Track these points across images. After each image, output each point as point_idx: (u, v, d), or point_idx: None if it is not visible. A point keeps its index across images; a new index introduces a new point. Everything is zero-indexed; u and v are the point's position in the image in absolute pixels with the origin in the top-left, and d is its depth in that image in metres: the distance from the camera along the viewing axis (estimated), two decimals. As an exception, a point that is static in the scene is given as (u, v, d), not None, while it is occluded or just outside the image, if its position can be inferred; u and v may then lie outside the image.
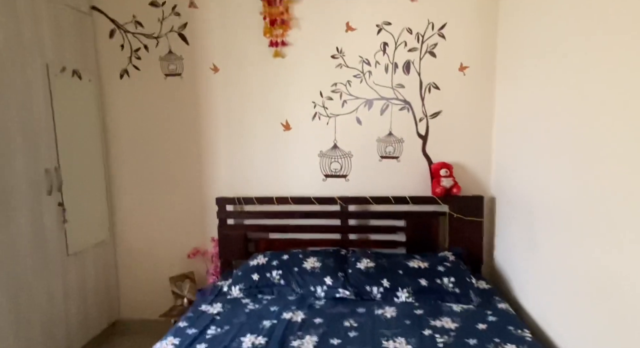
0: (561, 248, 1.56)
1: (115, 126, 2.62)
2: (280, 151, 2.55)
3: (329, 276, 2.08)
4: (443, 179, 2.34)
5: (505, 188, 2.20)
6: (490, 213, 2.40)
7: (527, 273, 1.90)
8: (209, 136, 2.58)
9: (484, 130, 2.38)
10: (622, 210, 1.18)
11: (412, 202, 2.38)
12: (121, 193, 2.67)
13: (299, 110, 2.50)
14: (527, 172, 1.90)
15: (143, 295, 2.70)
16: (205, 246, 2.65)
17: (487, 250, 2.42)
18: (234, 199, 2.52)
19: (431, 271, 2.04)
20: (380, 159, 2.49)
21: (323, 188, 2.54)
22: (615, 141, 1.21)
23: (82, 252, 2.38)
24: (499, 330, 1.63)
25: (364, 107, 2.46)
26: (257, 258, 2.29)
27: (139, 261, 2.70)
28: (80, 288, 2.36)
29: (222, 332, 1.71)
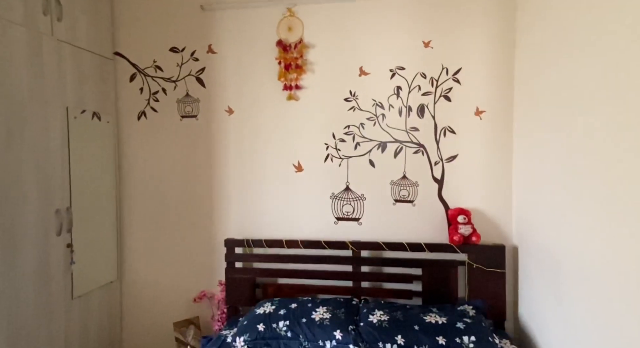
0: (590, 306, 1.41)
1: (130, 166, 2.65)
2: (291, 193, 2.51)
3: (339, 330, 1.95)
4: (461, 226, 2.22)
5: (528, 238, 2.07)
6: (512, 263, 2.25)
7: (555, 332, 1.73)
8: (220, 176, 2.57)
9: (502, 176, 2.29)
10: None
11: (429, 249, 2.26)
12: (131, 234, 2.65)
13: (311, 151, 2.48)
14: (550, 222, 1.77)
15: (146, 341, 2.60)
16: (212, 289, 2.57)
17: (511, 304, 2.25)
18: (242, 241, 2.46)
19: (450, 328, 1.88)
20: (394, 203, 2.41)
21: (334, 232, 2.46)
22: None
23: (88, 294, 2.32)
24: (528, 405, 1.45)
25: (377, 149, 2.41)
26: (263, 306, 2.18)
27: (145, 303, 2.62)
28: (83, 333, 2.28)
29: (221, 392, 1.59)
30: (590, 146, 1.42)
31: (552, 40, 1.76)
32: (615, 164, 1.27)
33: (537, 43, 1.93)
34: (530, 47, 2.03)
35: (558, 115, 1.70)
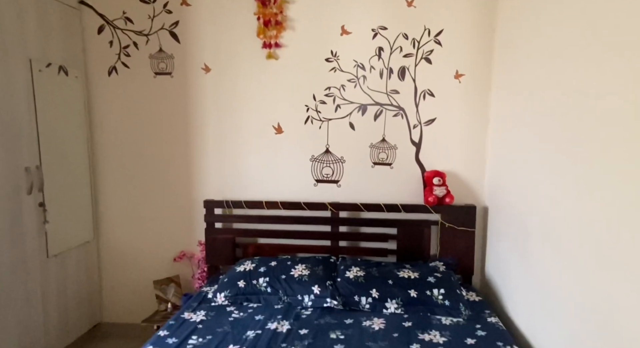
0: (553, 263, 1.53)
1: (102, 125, 2.55)
2: (271, 155, 2.50)
3: (317, 285, 2.04)
4: (436, 188, 2.30)
5: (499, 198, 2.17)
6: (482, 223, 2.37)
7: (519, 287, 1.87)
8: (198, 137, 2.52)
9: (478, 139, 2.35)
10: (614, 231, 1.14)
11: (404, 210, 2.34)
12: (106, 194, 2.60)
13: (291, 113, 2.45)
14: (521, 183, 1.86)
15: (126, 299, 2.63)
16: (192, 249, 2.59)
17: (479, 261, 2.39)
18: (222, 202, 2.47)
19: (421, 282, 2.00)
20: (372, 166, 2.45)
21: (314, 193, 2.49)
22: (614, 156, 1.17)
23: (64, 254, 2.30)
24: (488, 346, 1.59)
25: (358, 112, 2.41)
26: (244, 264, 2.23)
27: (123, 263, 2.63)
28: (60, 291, 2.28)
29: (204, 342, 1.66)
30: (561, 113, 1.47)
31: (532, 6, 1.76)
32: (583, 131, 1.33)
33: (518, 7, 1.93)
34: (511, 12, 2.02)
35: (533, 81, 1.73)
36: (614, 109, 1.16)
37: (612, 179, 1.17)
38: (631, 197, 1.08)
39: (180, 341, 1.65)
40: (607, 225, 1.18)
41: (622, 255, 1.12)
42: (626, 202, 1.10)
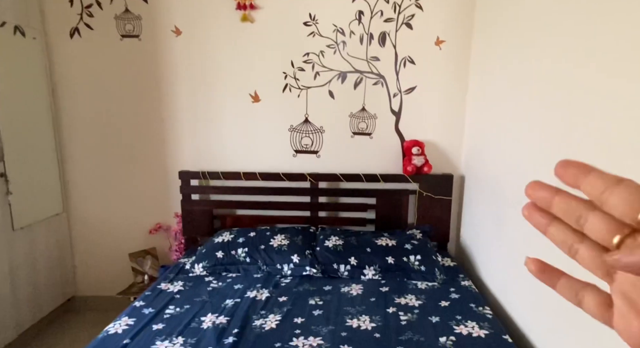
0: (524, 229, 1.57)
1: (66, 91, 2.40)
2: (248, 124, 2.43)
3: (297, 254, 2.04)
4: (414, 157, 2.30)
5: (475, 167, 2.20)
6: (458, 191, 2.41)
7: (492, 252, 1.93)
8: (170, 105, 2.41)
9: (457, 107, 2.34)
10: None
11: (383, 180, 2.35)
12: (74, 165, 2.48)
13: (268, 81, 2.37)
14: (497, 152, 1.88)
15: (101, 272, 2.58)
16: (169, 221, 2.54)
17: (454, 228, 2.45)
18: (198, 173, 2.40)
19: (398, 249, 2.03)
20: (352, 136, 2.42)
21: (293, 164, 2.46)
22: (589, 126, 1.18)
23: (31, 226, 2.21)
24: (461, 308, 1.65)
25: (337, 80, 2.35)
26: (222, 235, 2.21)
27: (96, 236, 2.55)
28: (30, 265, 2.20)
29: (181, 311, 1.64)
30: (538, 81, 1.47)
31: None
32: (560, 99, 1.33)
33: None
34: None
35: (511, 49, 1.71)
36: (592, 78, 1.16)
37: (587, 148, 1.18)
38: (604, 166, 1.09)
39: (157, 311, 1.63)
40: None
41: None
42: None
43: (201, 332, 1.49)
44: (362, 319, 1.57)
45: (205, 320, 1.57)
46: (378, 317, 1.59)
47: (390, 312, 1.63)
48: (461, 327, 1.50)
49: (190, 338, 1.44)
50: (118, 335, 1.46)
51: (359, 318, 1.58)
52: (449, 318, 1.57)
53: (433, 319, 1.57)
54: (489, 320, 1.55)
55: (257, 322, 1.56)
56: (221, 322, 1.55)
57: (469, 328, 1.49)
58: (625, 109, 1.02)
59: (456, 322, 1.54)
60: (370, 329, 1.50)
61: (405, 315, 1.60)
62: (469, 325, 1.51)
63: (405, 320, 1.57)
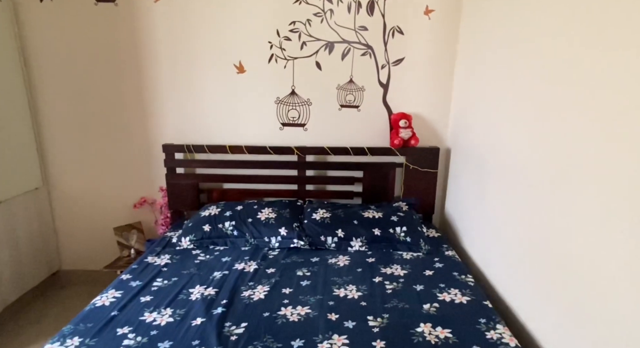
0: (506, 201, 1.60)
1: (39, 60, 2.27)
2: (233, 96, 2.36)
3: (284, 227, 2.05)
4: (402, 130, 2.30)
5: (461, 140, 2.21)
6: (444, 164, 2.43)
7: (474, 223, 1.98)
8: (151, 75, 2.32)
9: (445, 80, 2.32)
10: (568, 171, 1.19)
11: (371, 153, 2.34)
12: (52, 138, 2.39)
13: (254, 50, 2.29)
14: (482, 125, 1.89)
15: (85, 246, 2.55)
16: (153, 195, 2.50)
17: (439, 200, 2.49)
18: (182, 146, 2.35)
19: (385, 221, 2.06)
20: (340, 108, 2.38)
21: (280, 137, 2.42)
22: (575, 101, 1.18)
23: (9, 201, 2.15)
24: (445, 276, 1.70)
25: (325, 50, 2.29)
26: (209, 209, 2.19)
27: (79, 210, 2.50)
28: (10, 239, 2.16)
29: (169, 283, 1.65)
30: (526, 53, 1.45)
31: None
32: (546, 70, 1.32)
33: None
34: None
35: (502, 21, 1.68)
36: (579, 50, 1.15)
37: (574, 123, 1.19)
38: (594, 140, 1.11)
39: (144, 284, 1.63)
40: (555, 163, 1.23)
41: (564, 193, 1.18)
42: (576, 144, 1.13)
43: (190, 303, 1.50)
44: (349, 289, 1.61)
45: (194, 292, 1.58)
46: (364, 287, 1.62)
47: (377, 281, 1.67)
48: (444, 294, 1.56)
49: (179, 309, 1.45)
50: (105, 307, 1.46)
51: (345, 288, 1.62)
52: (432, 286, 1.62)
53: (417, 287, 1.61)
54: (470, 287, 1.60)
55: (246, 293, 1.58)
56: (210, 294, 1.56)
57: (451, 295, 1.55)
58: (612, 79, 1.02)
59: (439, 290, 1.59)
60: (356, 298, 1.54)
61: (391, 284, 1.64)
62: (451, 293, 1.56)
63: (390, 289, 1.61)
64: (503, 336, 1.28)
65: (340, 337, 1.30)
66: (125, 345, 1.24)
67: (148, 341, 1.27)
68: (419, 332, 1.31)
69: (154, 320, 1.38)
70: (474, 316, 1.40)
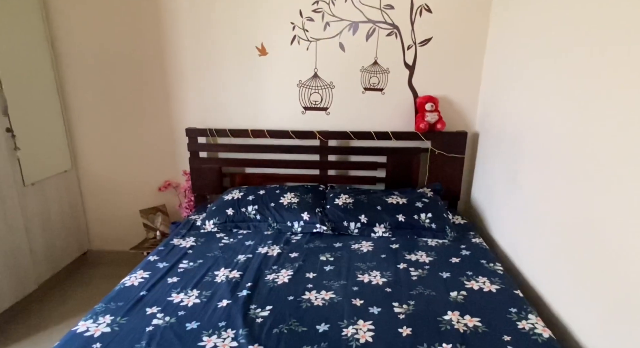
0: (542, 186, 1.53)
1: (65, 44, 2.30)
2: (255, 79, 2.33)
3: (307, 212, 2.04)
4: (428, 114, 2.22)
5: (491, 123, 2.12)
6: (472, 149, 2.35)
7: (504, 210, 1.91)
8: (174, 58, 2.31)
9: (474, 61, 2.22)
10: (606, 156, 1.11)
11: (395, 138, 2.28)
12: (81, 120, 2.44)
13: (276, 32, 2.24)
14: (515, 108, 1.80)
15: (113, 227, 2.62)
16: (177, 179, 2.53)
17: (465, 187, 2.42)
18: (205, 130, 2.35)
19: (409, 207, 2.02)
20: (363, 91, 2.32)
21: (302, 121, 2.39)
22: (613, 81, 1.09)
23: (42, 183, 2.21)
24: (472, 264, 1.66)
25: (348, 31, 2.22)
26: (232, 193, 2.20)
27: (106, 193, 2.57)
28: (44, 220, 2.24)
29: (194, 265, 1.67)
30: (562, 33, 1.35)
31: None
32: (585, 46, 1.22)
33: None
34: None
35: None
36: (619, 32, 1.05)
37: (610, 107, 1.10)
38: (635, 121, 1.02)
39: (170, 265, 1.66)
40: (601, 144, 1.15)
41: (609, 173, 1.10)
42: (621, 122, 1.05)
43: (215, 285, 1.52)
44: (373, 274, 1.59)
45: (219, 274, 1.59)
46: (389, 273, 1.60)
47: (401, 267, 1.65)
48: (472, 282, 1.52)
49: (205, 291, 1.47)
50: (134, 287, 1.49)
51: (369, 273, 1.60)
52: (459, 274, 1.58)
53: (444, 275, 1.58)
54: (500, 275, 1.56)
55: (270, 276, 1.59)
56: (234, 276, 1.58)
57: (479, 283, 1.51)
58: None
59: (467, 278, 1.55)
60: (381, 284, 1.52)
61: (416, 271, 1.61)
62: (479, 281, 1.52)
63: (415, 275, 1.58)
64: (535, 326, 1.24)
65: (365, 322, 1.28)
66: (155, 324, 1.27)
67: (176, 321, 1.29)
68: (447, 320, 1.29)
69: (181, 300, 1.41)
70: (504, 305, 1.36)
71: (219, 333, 1.23)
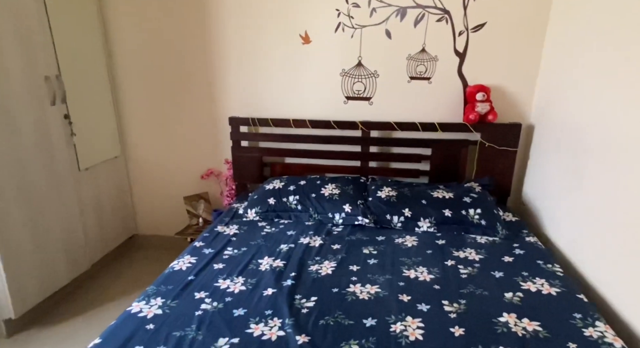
0: (611, 184, 1.40)
1: (118, 35, 2.38)
2: (298, 68, 2.30)
3: (348, 204, 2.00)
4: (478, 104, 2.10)
5: (549, 115, 1.97)
6: (525, 142, 2.21)
7: (563, 208, 1.78)
8: (217, 47, 2.32)
9: (532, 47, 2.07)
10: None
11: (442, 129, 2.19)
12: (130, 109, 2.53)
13: (320, 19, 2.19)
14: (579, 98, 1.65)
15: (158, 213, 2.71)
16: (219, 167, 2.57)
17: (516, 182, 2.28)
18: (247, 119, 2.36)
19: (456, 202, 1.93)
20: (409, 81, 2.23)
21: (344, 111, 2.34)
22: None
23: (94, 168, 2.32)
24: (527, 264, 1.56)
25: (396, 17, 2.13)
26: (272, 183, 2.20)
27: (152, 179, 2.66)
28: (96, 203, 2.35)
29: (239, 253, 1.69)
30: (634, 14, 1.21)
31: None
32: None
33: None
34: None
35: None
36: None
37: None
38: None
39: (216, 251, 1.69)
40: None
41: None
42: None
43: (260, 273, 1.52)
44: (420, 270, 1.53)
45: (263, 263, 1.60)
46: (436, 269, 1.54)
47: (449, 264, 1.58)
48: (528, 283, 1.42)
49: (250, 279, 1.48)
50: (182, 271, 1.52)
51: (415, 269, 1.55)
52: (514, 274, 1.49)
53: (496, 274, 1.49)
54: (560, 277, 1.45)
55: (313, 267, 1.57)
56: (278, 265, 1.57)
57: (537, 285, 1.41)
58: None
59: (522, 278, 1.46)
60: (428, 280, 1.46)
61: (465, 269, 1.54)
62: (537, 282, 1.43)
63: (465, 273, 1.51)
64: (605, 335, 1.14)
65: (414, 319, 1.24)
66: (203, 309, 1.29)
67: (224, 307, 1.30)
68: (503, 322, 1.21)
69: (228, 287, 1.42)
70: (566, 310, 1.26)
71: (265, 321, 1.23)
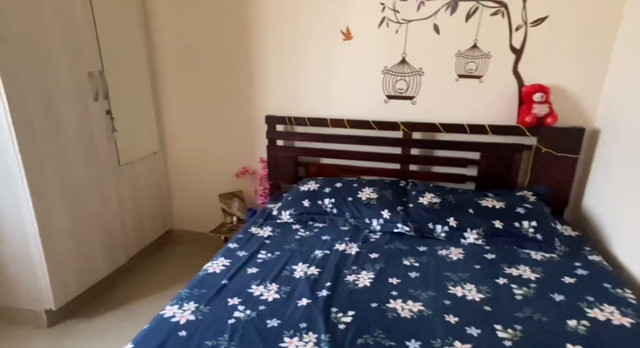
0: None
1: (159, 32, 2.39)
2: (337, 65, 2.21)
3: (387, 210, 1.89)
4: (536, 105, 1.92)
5: (620, 120, 1.76)
6: (587, 149, 2.00)
7: (634, 223, 1.57)
8: (257, 45, 2.27)
9: (601, 44, 1.85)
10: None
11: (492, 132, 2.02)
12: (169, 105, 2.54)
13: (363, 13, 2.08)
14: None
15: (194, 209, 2.72)
16: (254, 166, 2.53)
17: (575, 192, 2.07)
18: (284, 118, 2.29)
19: (508, 212, 1.77)
20: (457, 79, 2.08)
21: (384, 111, 2.22)
22: None
23: (134, 163, 2.35)
24: (593, 287, 1.38)
25: (446, 11, 1.98)
26: (307, 184, 2.13)
27: (189, 176, 2.66)
28: (134, 198, 2.38)
29: (272, 257, 1.62)
30: None
31: None
32: None
33: None
34: None
35: None
36: None
37: None
38: None
39: (249, 254, 1.63)
40: None
41: None
42: None
43: (294, 280, 1.45)
44: (467, 288, 1.40)
45: (297, 269, 1.53)
46: (486, 288, 1.40)
47: (501, 283, 1.43)
48: (595, 310, 1.26)
49: (284, 286, 1.41)
50: (216, 274, 1.48)
51: (462, 286, 1.41)
52: (577, 298, 1.32)
53: (556, 297, 1.34)
54: (632, 306, 1.27)
55: (349, 277, 1.48)
56: (313, 273, 1.50)
57: (605, 313, 1.24)
58: None
59: (588, 304, 1.29)
60: (478, 300, 1.33)
61: (520, 289, 1.39)
62: (605, 310, 1.26)
63: (520, 294, 1.36)
64: (697, 382, 0.97)
65: (463, 345, 1.12)
66: (236, 316, 1.24)
67: (257, 316, 1.24)
68: (567, 356, 1.07)
69: (261, 294, 1.36)
70: (644, 346, 1.10)
71: (300, 335, 1.16)
